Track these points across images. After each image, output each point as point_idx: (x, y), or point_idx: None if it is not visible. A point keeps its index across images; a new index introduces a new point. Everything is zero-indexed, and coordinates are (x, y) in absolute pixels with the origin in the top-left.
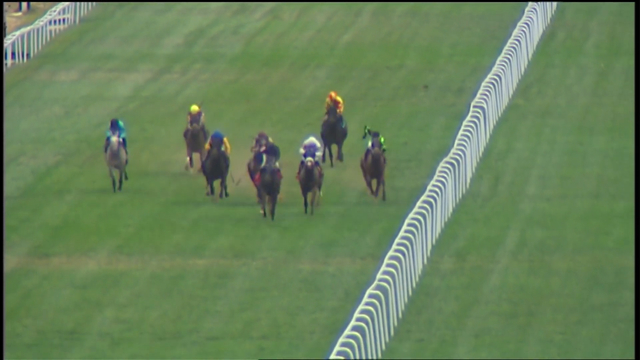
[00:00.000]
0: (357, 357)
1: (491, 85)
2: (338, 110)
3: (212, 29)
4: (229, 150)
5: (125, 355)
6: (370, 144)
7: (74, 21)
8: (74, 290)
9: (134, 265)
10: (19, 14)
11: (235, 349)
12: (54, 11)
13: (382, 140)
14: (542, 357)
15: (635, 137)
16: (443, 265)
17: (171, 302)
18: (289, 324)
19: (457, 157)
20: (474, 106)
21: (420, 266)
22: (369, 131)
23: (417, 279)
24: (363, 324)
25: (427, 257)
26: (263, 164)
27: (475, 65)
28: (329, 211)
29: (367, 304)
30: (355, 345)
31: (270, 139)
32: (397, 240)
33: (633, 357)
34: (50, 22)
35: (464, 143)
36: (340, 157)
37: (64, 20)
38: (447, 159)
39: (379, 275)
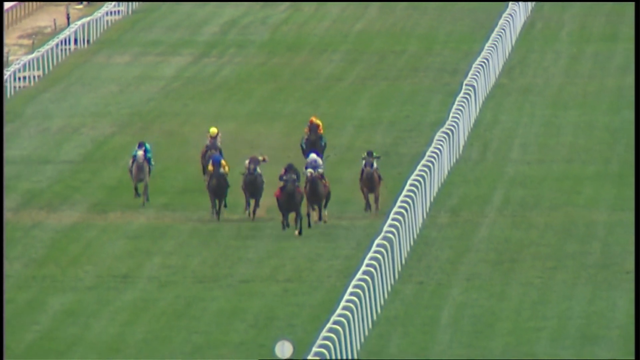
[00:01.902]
0: (367, 297)
1: (480, 67)
2: (319, 131)
3: (243, 19)
4: (227, 170)
5: (171, 295)
6: (363, 163)
7: (127, 12)
8: (127, 241)
9: (178, 219)
10: (81, 6)
11: (263, 290)
12: (110, 4)
13: (375, 154)
14: (523, 297)
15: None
16: (439, 219)
17: (209, 251)
18: (309, 269)
19: (452, 128)
20: (466, 85)
21: (420, 220)
22: (367, 153)
23: (418, 231)
24: (372, 269)
25: (426, 213)
26: (284, 179)
27: (467, 50)
28: (343, 176)
29: (375, 252)
30: (365, 287)
31: (260, 157)
32: (400, 198)
33: (633, 357)
34: (107, 13)
35: (457, 116)
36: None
37: (118, 11)
38: (443, 129)
39: (385, 228)
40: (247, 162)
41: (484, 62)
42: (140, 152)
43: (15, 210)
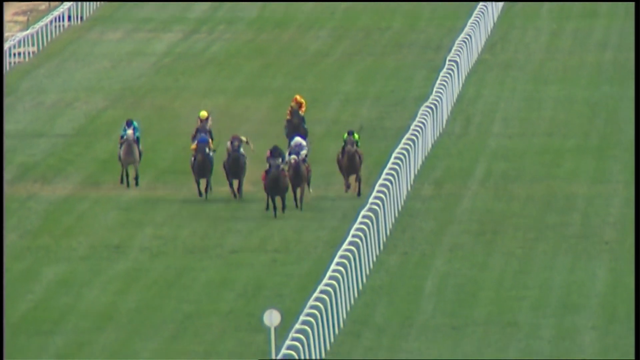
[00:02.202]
0: (353, 267)
1: (463, 43)
2: (301, 111)
3: None
4: (213, 149)
5: (161, 266)
6: (344, 142)
7: None
8: (119, 212)
9: (169, 191)
10: None
11: (252, 260)
12: None
13: (357, 137)
14: (505, 267)
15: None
16: (423, 191)
17: (199, 223)
18: (296, 240)
19: (435, 103)
20: (449, 60)
21: (405, 192)
22: (348, 132)
23: (402, 202)
24: (358, 240)
25: (411, 185)
26: (268, 165)
27: (450, 26)
28: (329, 149)
29: (360, 223)
30: (351, 258)
31: (243, 138)
32: (385, 170)
33: (633, 357)
34: None
35: (441, 91)
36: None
37: None
38: (426, 103)
39: (370, 200)
40: (229, 142)
41: (466, 38)
42: (130, 131)
43: (11, 182)
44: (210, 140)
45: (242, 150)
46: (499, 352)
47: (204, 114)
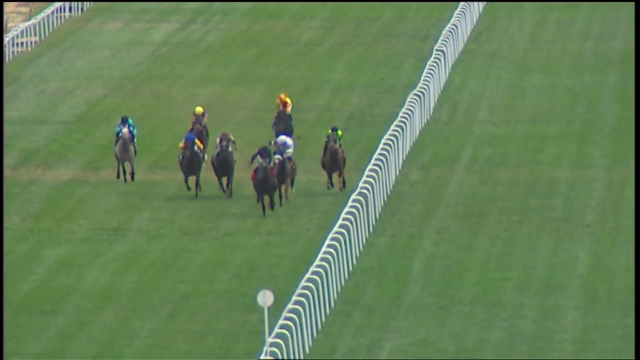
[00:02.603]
0: (344, 249)
1: (450, 33)
2: (287, 110)
3: None
4: (202, 147)
5: (159, 248)
6: (327, 140)
7: None
8: (118, 196)
9: (166, 176)
10: None
11: (246, 242)
12: None
13: (340, 134)
14: (490, 249)
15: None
16: (412, 176)
17: (195, 206)
18: (289, 223)
19: (423, 90)
20: (436, 50)
21: (394, 177)
22: (331, 129)
23: (391, 187)
24: (348, 223)
25: (399, 170)
26: (256, 165)
27: (437, 17)
28: (320, 135)
29: (351, 207)
30: (342, 240)
31: (231, 137)
32: (374, 156)
33: (633, 357)
34: None
35: (428, 79)
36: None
37: None
38: (414, 91)
39: (360, 184)
40: (217, 139)
41: (453, 28)
42: (125, 130)
43: (14, 167)
44: (197, 141)
45: (230, 149)
46: (484, 331)
47: (199, 109)
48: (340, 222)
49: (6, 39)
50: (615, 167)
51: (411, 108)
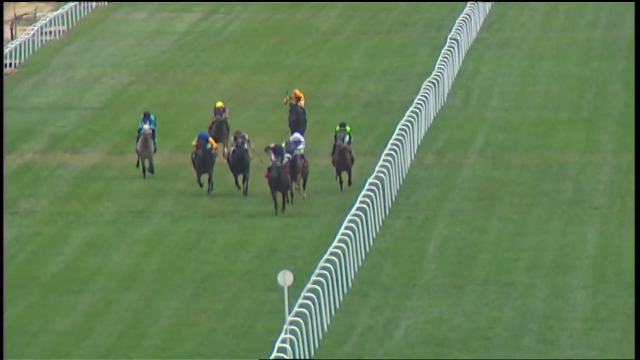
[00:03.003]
0: (361, 231)
1: (463, 23)
2: (300, 104)
3: None
4: (215, 146)
5: (183, 229)
6: (335, 137)
7: None
8: (143, 180)
9: (189, 160)
10: None
11: (267, 224)
12: None
13: (348, 129)
14: (502, 231)
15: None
16: (426, 160)
17: (218, 189)
18: (308, 205)
19: (437, 78)
20: (450, 38)
21: (409, 161)
22: (340, 125)
23: (407, 171)
24: (365, 206)
25: (414, 155)
26: (271, 163)
27: (451, 7)
28: (337, 120)
29: (368, 190)
30: (359, 222)
31: (246, 135)
32: (390, 141)
33: (633, 357)
34: None
35: (443, 67)
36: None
37: None
38: (429, 79)
39: (376, 168)
40: (232, 137)
41: (466, 18)
42: (146, 126)
43: (42, 152)
44: (211, 138)
45: (245, 146)
46: (496, 309)
47: (220, 104)
48: (357, 205)
49: (35, 28)
50: (623, 152)
51: (426, 95)
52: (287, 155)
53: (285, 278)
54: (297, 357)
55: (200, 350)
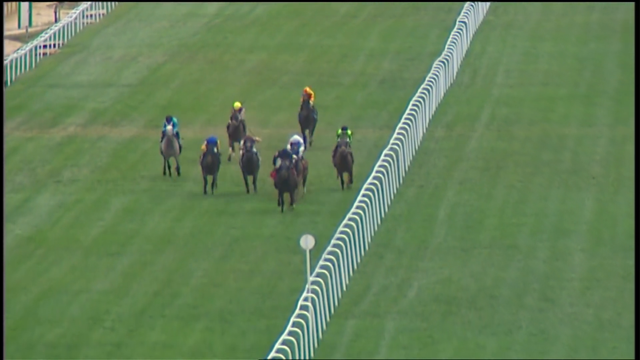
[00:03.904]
0: (377, 198)
1: (471, 6)
2: (311, 101)
3: None
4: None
5: (213, 196)
6: (338, 140)
7: None
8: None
9: (219, 133)
10: None
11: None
12: None
13: (350, 133)
14: (507, 198)
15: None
16: (437, 133)
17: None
18: (328, 174)
19: (447, 57)
20: (459, 21)
21: (421, 134)
22: (342, 128)
23: (419, 143)
24: (380, 175)
25: (426, 128)
26: (278, 164)
27: None
28: (355, 97)
29: (383, 161)
30: (375, 190)
31: (256, 138)
32: (404, 116)
33: (633, 357)
34: None
35: (452, 47)
36: (310, 142)
37: None
38: (439, 58)
39: (391, 141)
40: (242, 142)
41: (473, 2)
42: (169, 127)
43: (84, 125)
44: (218, 142)
45: (254, 148)
46: (501, 270)
47: (237, 104)
48: (373, 174)
49: (77, 11)
50: (618, 125)
51: (436, 73)
52: (294, 156)
53: (307, 241)
54: (319, 314)
55: (229, 307)
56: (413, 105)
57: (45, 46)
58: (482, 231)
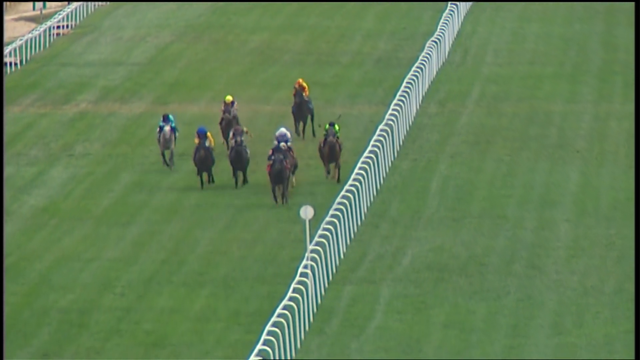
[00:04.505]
0: (373, 171)
1: None
2: (305, 94)
3: None
4: (213, 143)
5: (218, 169)
6: (325, 133)
7: None
8: (184, 126)
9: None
10: None
11: None
12: None
13: (337, 128)
14: (496, 171)
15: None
16: (429, 109)
17: (252, 130)
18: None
19: (439, 37)
20: (451, 3)
21: (414, 110)
22: (329, 124)
23: (413, 118)
24: (376, 149)
25: (419, 104)
26: (273, 158)
27: None
28: (353, 75)
29: (378, 135)
30: (371, 163)
31: (244, 129)
32: (399, 93)
33: (633, 357)
34: None
35: (444, 28)
36: (304, 132)
37: None
38: (432, 38)
39: (386, 116)
40: (231, 134)
41: None
42: (168, 127)
43: (95, 102)
44: (209, 134)
45: (244, 142)
46: (490, 239)
47: (229, 98)
48: (369, 148)
49: None
50: (601, 102)
51: (429, 52)
52: (283, 144)
53: (307, 212)
54: (318, 280)
55: (233, 274)
56: (407, 83)
57: (58, 27)
58: (473, 202)
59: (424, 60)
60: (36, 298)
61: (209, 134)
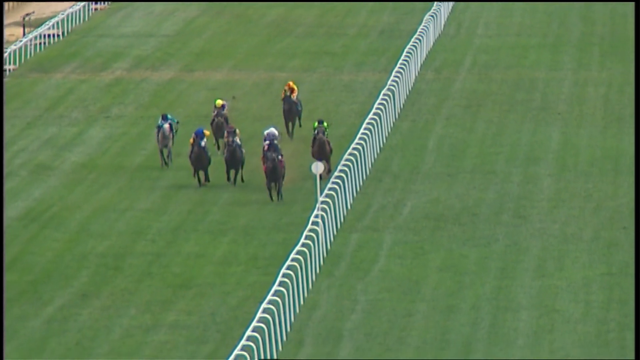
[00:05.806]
0: (377, 131)
1: None
2: (293, 95)
3: None
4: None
5: (238, 127)
6: (315, 131)
7: None
8: (207, 91)
9: (244, 76)
10: None
11: (302, 123)
12: None
13: (326, 125)
14: (486, 131)
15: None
16: (427, 76)
17: (265, 99)
18: (334, 111)
19: (436, 12)
20: None
21: (414, 77)
22: (318, 121)
23: (412, 84)
24: (379, 112)
25: (418, 72)
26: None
27: None
28: (360, 45)
29: (382, 99)
30: (375, 124)
31: (237, 130)
32: (399, 61)
33: (633, 357)
34: None
35: (440, 3)
36: (292, 132)
37: None
38: (429, 12)
39: (388, 82)
40: (225, 133)
41: None
42: (167, 126)
43: (128, 70)
44: (207, 133)
45: (238, 141)
46: (481, 192)
47: (219, 102)
48: (374, 110)
49: None
50: (580, 70)
51: (427, 25)
52: (267, 142)
53: (318, 167)
54: (327, 228)
55: (251, 223)
56: (407, 52)
57: (96, 2)
58: (465, 159)
59: (422, 32)
60: (76, 244)
61: (206, 132)
